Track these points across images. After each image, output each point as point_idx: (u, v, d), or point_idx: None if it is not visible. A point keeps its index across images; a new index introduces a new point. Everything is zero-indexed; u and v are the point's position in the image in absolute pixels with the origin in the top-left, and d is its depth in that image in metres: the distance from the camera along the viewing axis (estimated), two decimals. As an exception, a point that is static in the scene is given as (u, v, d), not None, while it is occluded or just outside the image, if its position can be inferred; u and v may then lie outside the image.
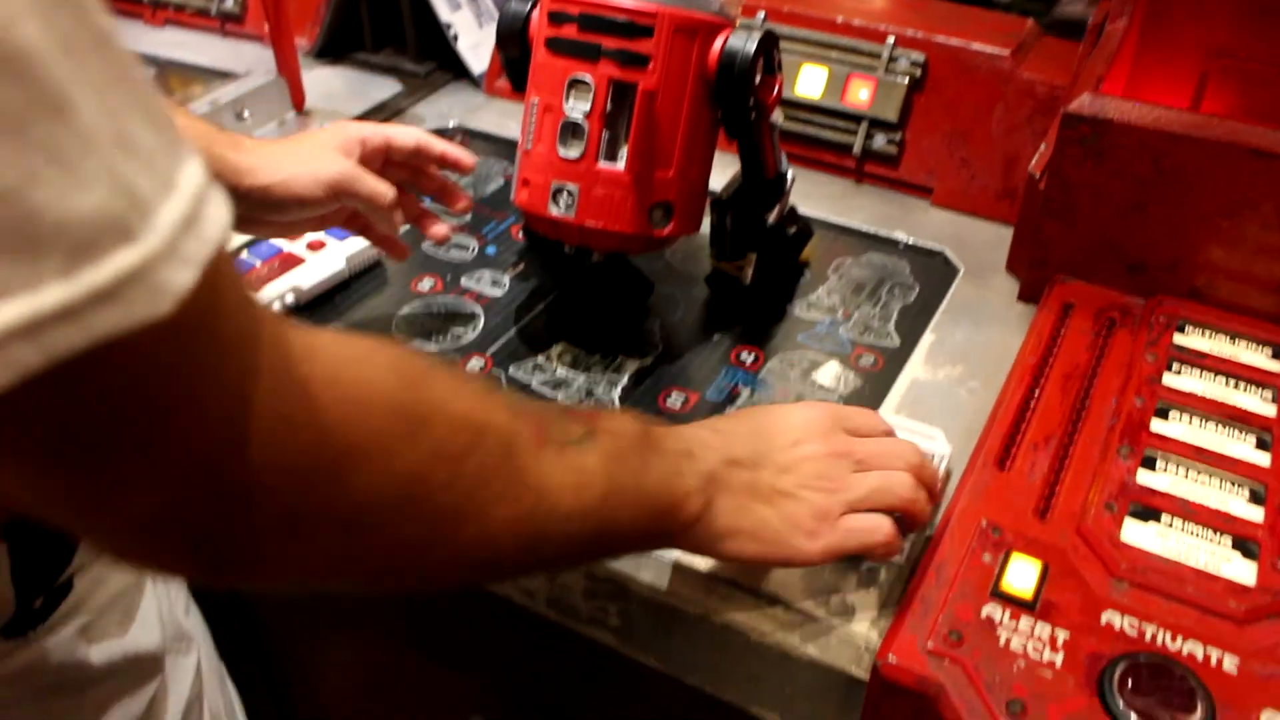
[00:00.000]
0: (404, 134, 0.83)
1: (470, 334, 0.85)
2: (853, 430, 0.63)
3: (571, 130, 0.74)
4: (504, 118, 1.18)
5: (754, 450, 0.60)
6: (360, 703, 1.11)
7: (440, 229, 0.86)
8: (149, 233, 0.28)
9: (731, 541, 0.58)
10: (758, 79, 0.76)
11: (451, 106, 1.22)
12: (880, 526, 0.59)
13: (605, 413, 0.57)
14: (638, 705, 0.81)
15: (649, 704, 0.79)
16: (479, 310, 0.88)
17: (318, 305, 0.88)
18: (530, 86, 0.78)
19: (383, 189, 0.78)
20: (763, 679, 0.64)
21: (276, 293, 0.86)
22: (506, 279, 0.92)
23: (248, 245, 0.91)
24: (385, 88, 1.25)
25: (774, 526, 0.58)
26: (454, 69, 1.27)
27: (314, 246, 0.90)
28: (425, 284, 0.91)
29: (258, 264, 0.88)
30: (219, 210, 0.31)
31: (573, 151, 0.74)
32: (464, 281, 0.92)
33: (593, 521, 0.51)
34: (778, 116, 0.81)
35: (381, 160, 0.82)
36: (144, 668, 0.65)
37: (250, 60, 1.26)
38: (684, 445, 0.57)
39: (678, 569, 0.65)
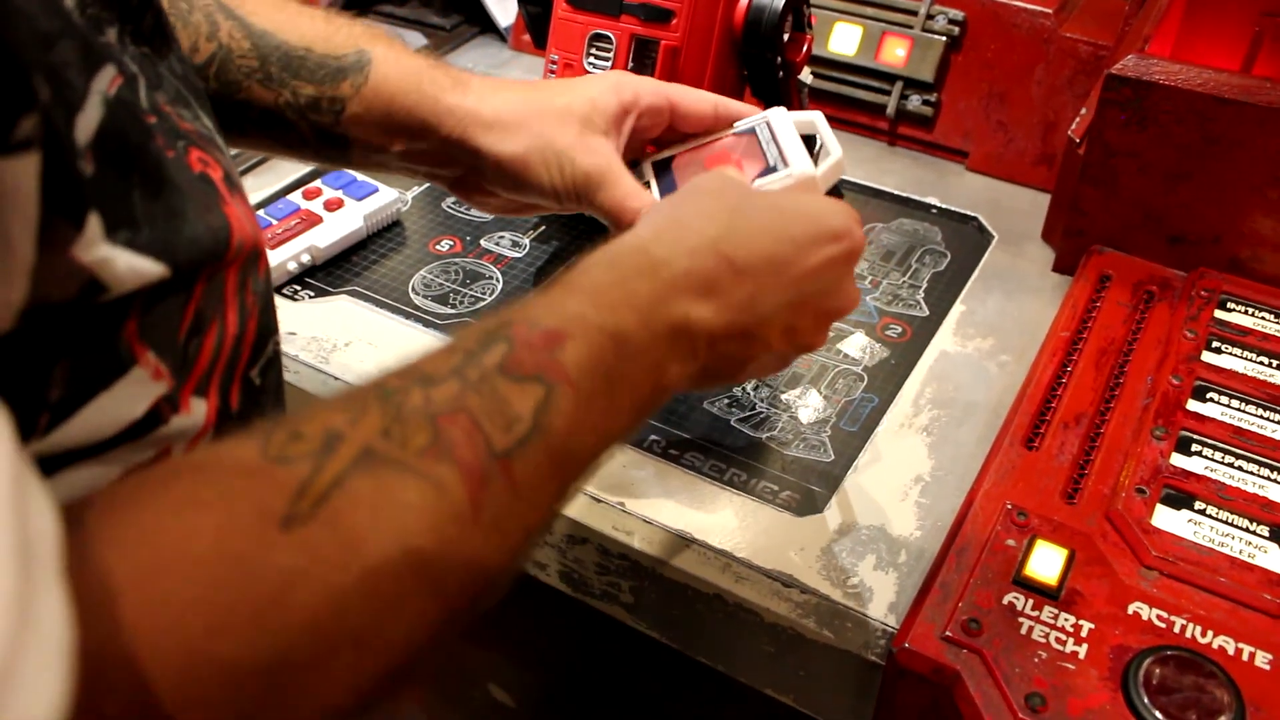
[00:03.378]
0: (697, 100, 0.65)
1: (488, 297, 0.83)
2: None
3: (591, 89, 0.72)
4: (530, 73, 1.15)
5: (749, 317, 0.49)
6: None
7: None
8: None
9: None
10: (786, 37, 0.73)
11: (477, 61, 1.19)
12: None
13: (559, 331, 0.41)
14: (652, 682, 0.80)
15: (663, 681, 0.78)
16: (497, 273, 0.86)
17: (334, 265, 0.87)
18: (550, 42, 0.75)
19: (634, 206, 0.60)
20: (777, 661, 0.62)
21: (292, 253, 0.84)
22: (526, 241, 0.90)
23: (263, 205, 0.89)
24: (410, 41, 1.23)
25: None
26: (480, 22, 1.24)
27: (331, 206, 0.89)
28: (444, 245, 0.89)
29: (274, 223, 0.86)
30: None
31: (592, 111, 0.72)
32: (483, 243, 0.90)
33: (548, 510, 0.41)
34: (807, 75, 0.78)
35: (662, 129, 0.67)
36: None
37: (274, 11, 1.23)
38: (666, 321, 0.46)
39: (692, 547, 0.64)
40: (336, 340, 0.79)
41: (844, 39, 1.02)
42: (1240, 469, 0.64)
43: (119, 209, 0.35)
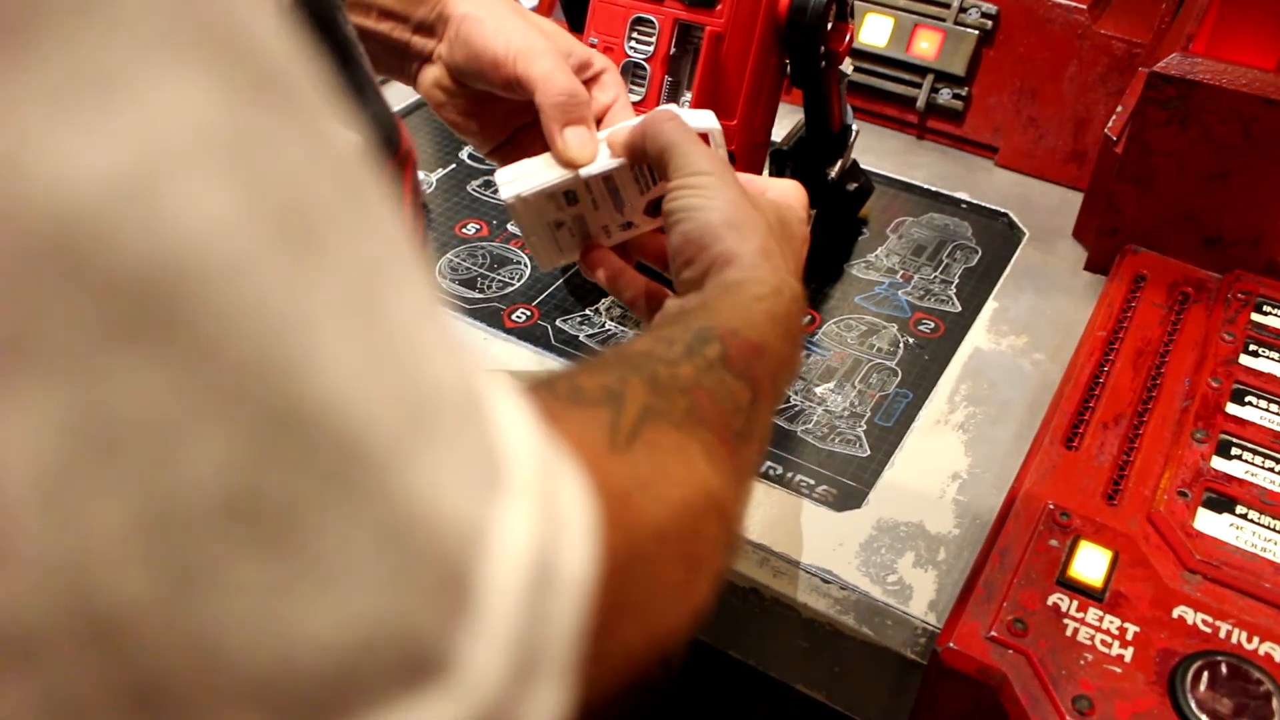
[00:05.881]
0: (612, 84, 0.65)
1: (515, 282, 0.82)
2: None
3: (632, 73, 0.71)
4: (553, 56, 1.14)
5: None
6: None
7: None
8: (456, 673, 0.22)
9: None
10: (829, 25, 0.72)
11: (499, 42, 1.18)
12: None
13: (758, 344, 0.44)
14: (681, 677, 0.79)
15: (694, 677, 0.77)
16: (525, 257, 0.85)
17: (359, 246, 0.86)
18: (589, 25, 0.74)
19: (562, 83, 0.59)
20: (812, 657, 0.62)
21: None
22: (554, 225, 0.89)
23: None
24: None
25: None
26: (502, 3, 1.23)
27: (357, 184, 0.88)
28: (470, 228, 0.88)
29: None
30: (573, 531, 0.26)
31: (633, 95, 0.70)
32: (510, 227, 0.88)
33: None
34: (847, 66, 0.77)
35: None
36: None
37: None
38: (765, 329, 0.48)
39: (727, 538, 0.63)
40: (363, 322, 0.78)
41: (875, 30, 1.01)
42: (1281, 474, 0.64)
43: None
